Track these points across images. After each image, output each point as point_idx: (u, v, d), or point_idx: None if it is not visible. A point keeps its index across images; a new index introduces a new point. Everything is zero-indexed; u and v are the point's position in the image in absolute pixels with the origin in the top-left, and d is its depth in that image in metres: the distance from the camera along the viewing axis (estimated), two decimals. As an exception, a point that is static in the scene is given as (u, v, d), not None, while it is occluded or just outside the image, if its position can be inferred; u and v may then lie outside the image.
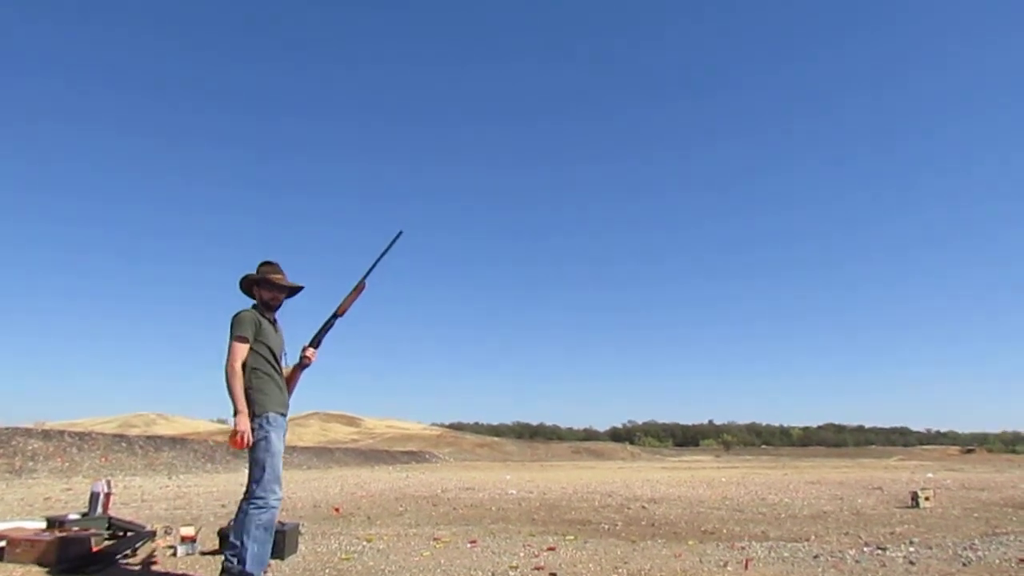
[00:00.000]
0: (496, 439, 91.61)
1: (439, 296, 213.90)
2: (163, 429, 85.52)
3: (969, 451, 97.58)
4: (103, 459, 20.59)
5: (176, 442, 28.16)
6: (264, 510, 3.60)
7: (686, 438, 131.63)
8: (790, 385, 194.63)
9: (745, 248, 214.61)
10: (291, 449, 37.83)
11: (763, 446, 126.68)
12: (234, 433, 3.56)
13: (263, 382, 3.78)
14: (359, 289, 4.23)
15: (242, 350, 3.74)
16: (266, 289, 4.01)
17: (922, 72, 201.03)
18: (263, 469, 3.63)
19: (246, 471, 3.77)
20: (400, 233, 4.28)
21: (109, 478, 7.10)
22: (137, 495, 11.50)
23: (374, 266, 4.23)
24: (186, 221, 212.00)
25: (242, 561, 3.52)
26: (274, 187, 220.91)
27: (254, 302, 4.03)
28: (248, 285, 4.10)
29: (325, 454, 39.64)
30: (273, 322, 4.01)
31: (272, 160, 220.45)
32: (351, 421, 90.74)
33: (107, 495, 5.72)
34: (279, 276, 4.04)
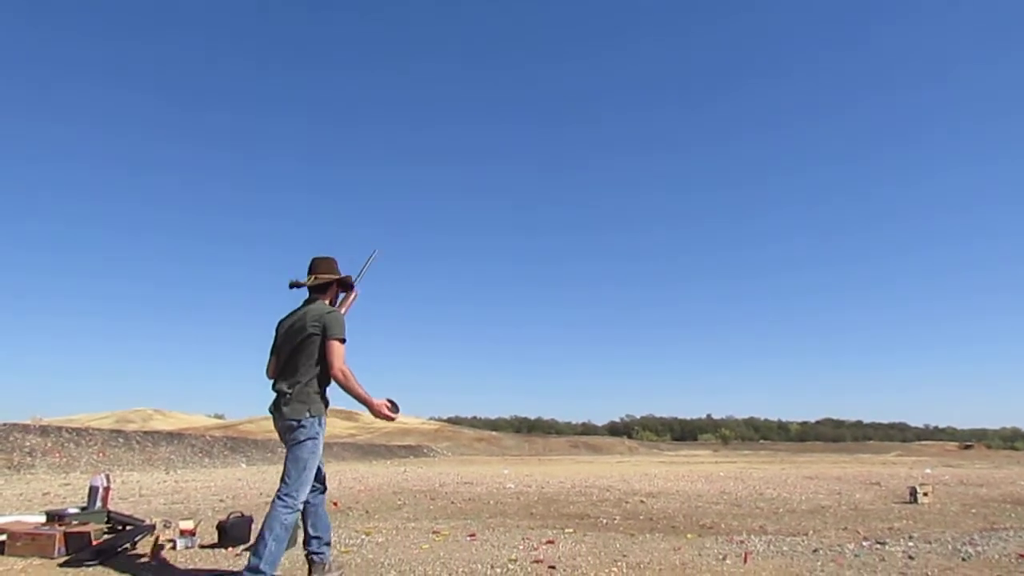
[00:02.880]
0: (494, 433, 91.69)
1: (438, 291, 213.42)
2: (160, 424, 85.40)
3: (967, 447, 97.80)
4: (100, 454, 20.59)
5: (173, 437, 28.13)
6: (291, 511, 3.52)
7: (684, 432, 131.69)
8: (789, 380, 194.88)
9: (745, 245, 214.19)
10: (289, 444, 37.80)
11: (761, 441, 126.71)
12: (387, 418, 3.66)
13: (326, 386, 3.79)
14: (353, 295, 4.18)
15: (344, 352, 3.70)
16: (343, 292, 4.10)
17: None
18: (303, 469, 3.58)
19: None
20: (375, 252, 4.33)
21: (108, 472, 7.10)
22: (135, 490, 11.50)
23: (359, 277, 4.24)
24: (180, 219, 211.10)
25: (259, 556, 3.39)
26: (268, 187, 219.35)
27: (316, 298, 3.92)
28: (332, 282, 3.99)
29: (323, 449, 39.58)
30: None
31: (266, 160, 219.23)
32: (349, 416, 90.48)
33: (106, 489, 5.73)
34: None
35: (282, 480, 3.58)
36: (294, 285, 3.90)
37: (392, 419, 3.68)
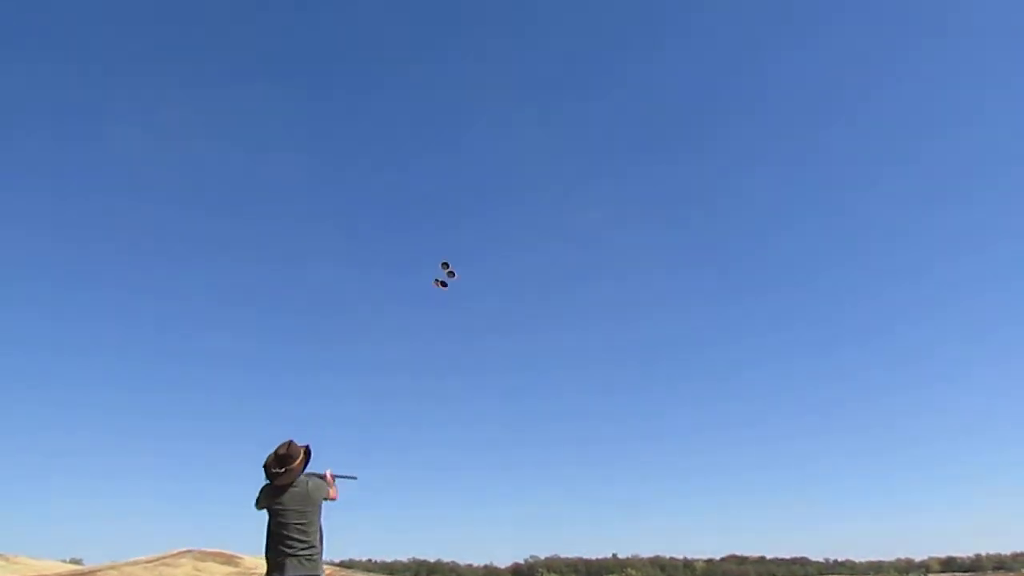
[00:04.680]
0: (390, 577, 69.73)
1: (327, 423, 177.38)
2: (3, 573, 54.86)
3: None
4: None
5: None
6: None
7: (590, 573, 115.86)
8: (692, 515, 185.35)
9: (640, 382, 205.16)
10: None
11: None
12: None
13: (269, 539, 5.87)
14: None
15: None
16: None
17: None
18: None
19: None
20: (355, 478, 6.31)
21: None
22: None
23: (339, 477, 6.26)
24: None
25: None
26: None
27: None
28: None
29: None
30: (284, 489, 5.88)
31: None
32: (229, 560, 63.25)
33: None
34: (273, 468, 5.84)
35: None
36: (278, 485, 5.76)
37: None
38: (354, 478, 5.78)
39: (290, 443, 5.57)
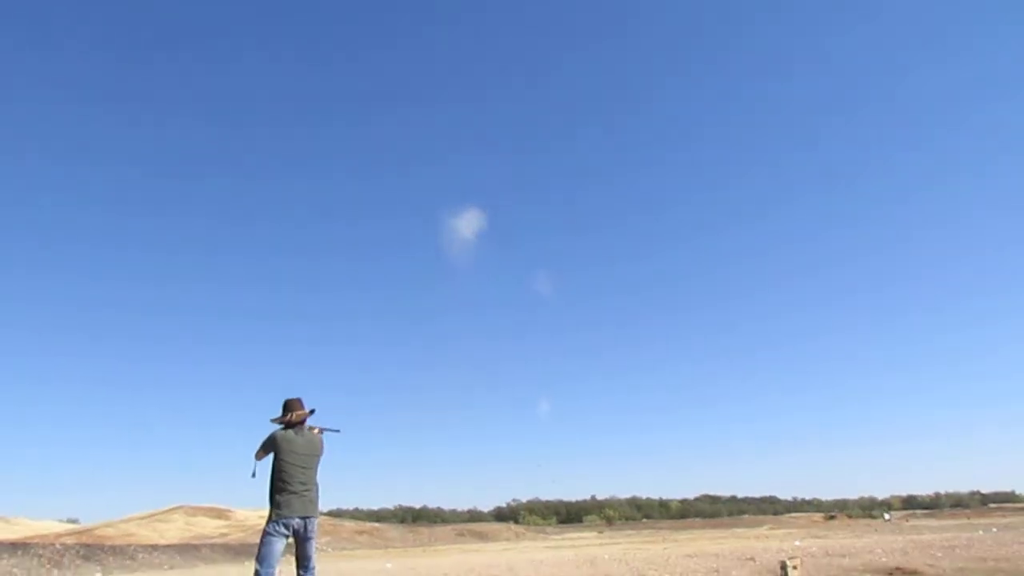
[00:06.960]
0: (377, 525, 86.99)
1: (313, 375, 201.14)
2: (1, 532, 76.02)
3: (831, 518, 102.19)
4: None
5: (16, 547, 25.49)
6: None
7: (570, 515, 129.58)
8: (668, 458, 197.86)
9: (621, 327, 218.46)
10: (151, 548, 34.87)
11: (644, 519, 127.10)
12: None
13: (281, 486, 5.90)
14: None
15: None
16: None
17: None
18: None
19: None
20: (339, 431, 6.25)
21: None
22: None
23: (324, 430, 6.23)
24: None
25: None
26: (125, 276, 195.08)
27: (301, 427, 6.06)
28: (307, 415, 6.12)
29: (190, 551, 36.35)
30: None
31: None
32: (220, 514, 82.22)
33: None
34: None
35: (309, 562, 6.22)
36: (290, 423, 5.98)
37: None
38: (337, 431, 5.63)
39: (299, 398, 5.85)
